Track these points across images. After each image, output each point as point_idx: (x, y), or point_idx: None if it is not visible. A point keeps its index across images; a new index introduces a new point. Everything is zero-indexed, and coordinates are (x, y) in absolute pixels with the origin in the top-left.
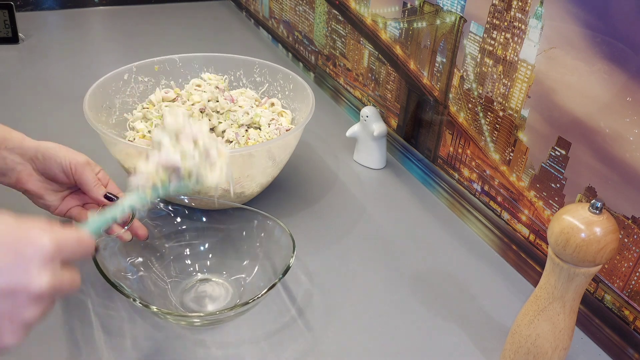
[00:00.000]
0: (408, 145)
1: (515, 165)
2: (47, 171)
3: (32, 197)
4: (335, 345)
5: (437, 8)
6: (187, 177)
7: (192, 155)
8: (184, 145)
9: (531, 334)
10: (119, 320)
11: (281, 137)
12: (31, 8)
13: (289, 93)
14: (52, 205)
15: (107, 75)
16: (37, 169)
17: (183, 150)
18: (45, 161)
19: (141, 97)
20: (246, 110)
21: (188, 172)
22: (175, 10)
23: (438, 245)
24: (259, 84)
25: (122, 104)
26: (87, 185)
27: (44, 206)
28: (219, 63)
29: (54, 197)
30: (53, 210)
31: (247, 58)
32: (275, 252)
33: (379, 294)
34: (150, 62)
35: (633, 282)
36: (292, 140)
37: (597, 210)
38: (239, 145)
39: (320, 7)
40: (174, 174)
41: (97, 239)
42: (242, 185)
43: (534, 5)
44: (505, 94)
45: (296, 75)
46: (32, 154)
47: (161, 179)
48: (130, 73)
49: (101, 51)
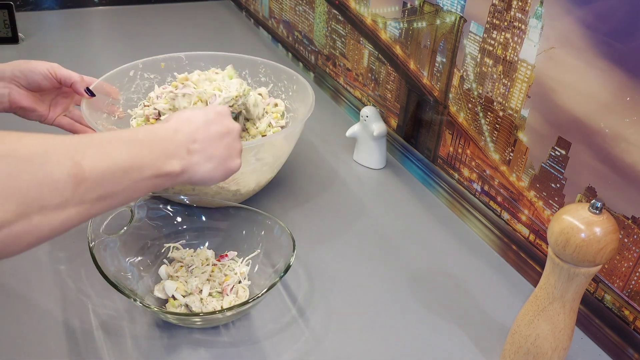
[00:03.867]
0: (408, 145)
1: (515, 165)
2: (30, 83)
3: (26, 113)
4: (335, 345)
5: (437, 8)
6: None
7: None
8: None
9: (531, 334)
10: (119, 320)
11: (268, 138)
12: (31, 8)
13: (292, 94)
14: (43, 115)
15: (113, 71)
16: (21, 86)
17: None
18: (26, 75)
19: (146, 93)
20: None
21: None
22: (175, 10)
23: (438, 245)
24: (263, 84)
25: (127, 100)
26: (71, 77)
27: (37, 118)
28: (225, 62)
29: (44, 106)
30: (44, 120)
31: (253, 58)
32: (275, 252)
33: (379, 294)
34: (157, 60)
35: (633, 282)
36: (280, 141)
37: (597, 210)
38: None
39: (320, 7)
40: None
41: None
42: (237, 183)
43: (534, 5)
44: (505, 94)
45: (299, 76)
46: (9, 74)
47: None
48: (136, 70)
49: (101, 51)
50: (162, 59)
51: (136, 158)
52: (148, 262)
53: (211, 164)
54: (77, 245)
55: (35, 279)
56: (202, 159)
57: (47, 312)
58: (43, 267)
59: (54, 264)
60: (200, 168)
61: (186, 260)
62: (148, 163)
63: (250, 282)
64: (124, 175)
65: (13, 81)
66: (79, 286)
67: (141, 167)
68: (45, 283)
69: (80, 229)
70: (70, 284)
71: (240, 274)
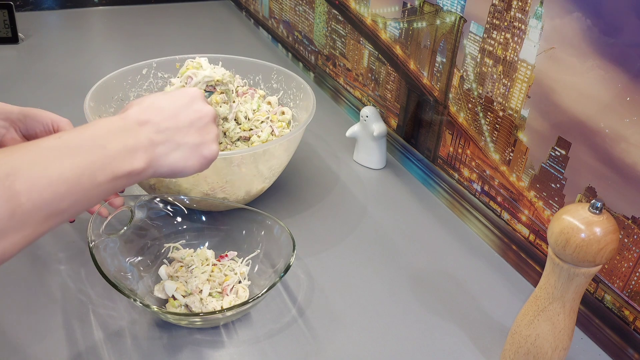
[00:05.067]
0: (408, 145)
1: (515, 165)
2: (29, 132)
3: None
4: (335, 345)
5: (437, 8)
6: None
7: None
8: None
9: (531, 334)
10: (119, 320)
11: (262, 146)
12: (31, 8)
13: (299, 102)
14: None
15: (125, 68)
16: (19, 131)
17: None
18: (27, 122)
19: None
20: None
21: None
22: (175, 10)
23: (438, 245)
24: (275, 90)
25: (137, 97)
26: None
27: None
28: (240, 65)
29: None
30: None
31: (266, 63)
32: (275, 252)
33: (379, 294)
34: (172, 60)
35: (633, 282)
36: (278, 150)
37: (597, 210)
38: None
39: (320, 7)
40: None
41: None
42: (223, 190)
43: (534, 5)
44: (505, 94)
45: (307, 85)
46: (15, 117)
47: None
48: (149, 68)
49: (101, 51)
50: (178, 59)
51: (85, 164)
52: (148, 262)
53: (180, 152)
54: (77, 245)
55: (35, 279)
56: (168, 149)
57: (47, 312)
58: (43, 267)
59: (54, 264)
60: (167, 159)
61: (186, 260)
62: (101, 166)
63: (250, 282)
64: (72, 188)
65: (14, 124)
66: (79, 286)
67: (93, 173)
68: (45, 283)
69: (80, 229)
70: (70, 284)
71: (240, 274)
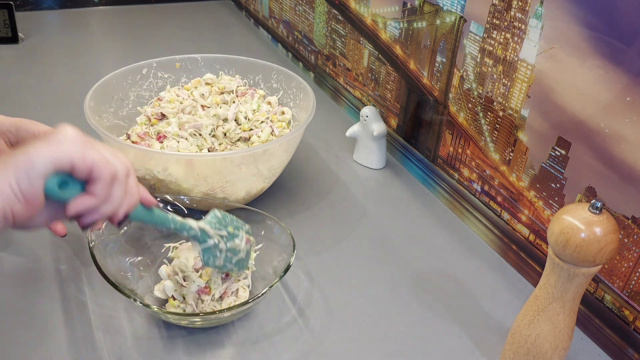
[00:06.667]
0: (408, 145)
1: (515, 165)
2: (18, 140)
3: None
4: (335, 345)
5: (437, 8)
6: None
7: None
8: None
9: (531, 334)
10: (119, 320)
11: (262, 146)
12: (31, 8)
13: (299, 102)
14: None
15: (125, 68)
16: (9, 142)
17: None
18: (18, 133)
19: (158, 92)
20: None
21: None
22: (175, 10)
23: (438, 245)
24: (275, 90)
25: (137, 97)
26: None
27: None
28: (240, 65)
29: None
30: None
31: (266, 63)
32: (275, 252)
33: (378, 294)
34: (172, 59)
35: (633, 282)
36: (278, 150)
37: (597, 210)
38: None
39: (320, 7)
40: None
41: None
42: (223, 190)
43: (534, 5)
44: (505, 94)
45: (307, 85)
46: (5, 128)
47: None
48: (149, 68)
49: (101, 51)
50: (178, 59)
51: None
52: (148, 262)
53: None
54: (77, 245)
55: (35, 279)
56: None
57: (47, 312)
58: (43, 267)
59: (54, 264)
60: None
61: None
62: None
63: (250, 282)
64: None
65: (4, 135)
66: (79, 286)
67: None
68: (45, 283)
69: (80, 229)
70: (70, 284)
71: None
